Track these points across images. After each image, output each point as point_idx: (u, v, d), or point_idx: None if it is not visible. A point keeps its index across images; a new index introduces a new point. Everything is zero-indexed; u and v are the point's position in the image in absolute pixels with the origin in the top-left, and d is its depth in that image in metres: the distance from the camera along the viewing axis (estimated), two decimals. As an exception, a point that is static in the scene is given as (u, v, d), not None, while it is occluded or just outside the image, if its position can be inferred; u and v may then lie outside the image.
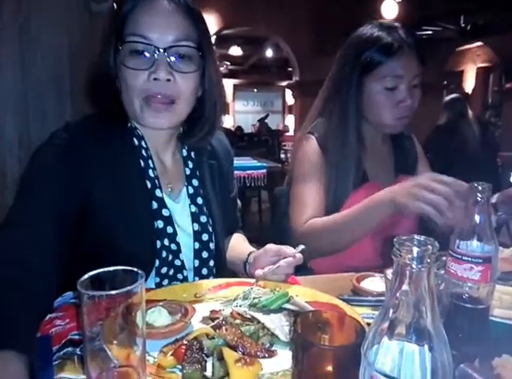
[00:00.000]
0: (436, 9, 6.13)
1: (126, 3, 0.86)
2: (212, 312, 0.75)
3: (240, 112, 14.28)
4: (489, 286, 0.65)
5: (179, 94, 0.87)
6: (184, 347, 0.62)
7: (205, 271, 0.99)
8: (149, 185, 0.92)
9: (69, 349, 0.64)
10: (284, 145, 9.05)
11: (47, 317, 0.74)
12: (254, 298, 0.76)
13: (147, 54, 0.84)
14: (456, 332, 0.65)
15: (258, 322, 0.70)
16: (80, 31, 1.95)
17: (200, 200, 1.00)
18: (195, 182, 1.01)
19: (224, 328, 0.66)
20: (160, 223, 0.91)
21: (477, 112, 6.82)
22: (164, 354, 0.62)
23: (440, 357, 0.35)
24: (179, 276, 0.95)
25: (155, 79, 0.84)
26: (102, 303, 0.48)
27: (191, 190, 1.00)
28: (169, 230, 0.92)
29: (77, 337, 0.66)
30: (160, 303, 0.76)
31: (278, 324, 0.70)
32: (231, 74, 13.12)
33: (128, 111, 0.90)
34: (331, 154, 1.22)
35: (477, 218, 0.64)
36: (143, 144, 0.95)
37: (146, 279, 0.70)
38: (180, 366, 0.59)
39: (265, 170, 4.39)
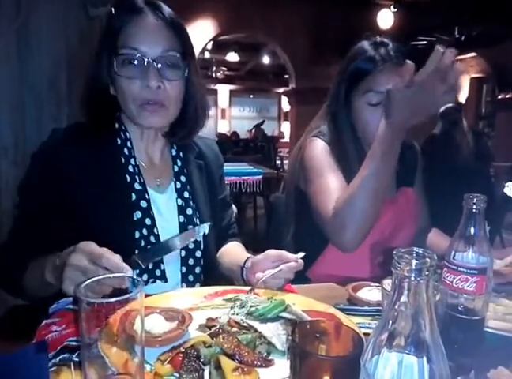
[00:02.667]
0: (431, 20, 6.22)
1: (117, 19, 0.96)
2: (208, 319, 0.75)
3: (236, 118, 14.31)
4: (484, 297, 0.66)
5: (169, 99, 0.97)
6: (181, 354, 0.61)
7: (191, 261, 1.04)
8: (128, 179, 1.00)
9: (66, 355, 0.64)
10: (280, 152, 9.08)
11: (43, 323, 0.74)
12: (251, 307, 0.76)
13: (139, 64, 0.93)
14: (451, 343, 0.65)
15: (255, 331, 0.70)
16: (78, 36, 1.95)
17: (186, 194, 1.08)
18: (183, 178, 1.09)
19: (221, 336, 0.66)
20: (138, 214, 0.98)
21: (471, 122, 6.90)
22: (161, 361, 0.61)
23: (438, 369, 0.36)
24: (157, 272, 0.98)
25: (147, 86, 0.93)
26: (101, 310, 0.48)
27: (179, 185, 1.08)
28: (147, 221, 0.99)
29: (73, 343, 0.66)
30: (157, 310, 0.76)
31: (275, 332, 0.70)
32: (227, 80, 13.17)
33: (125, 112, 1.00)
34: (335, 162, 1.20)
35: (472, 229, 0.65)
36: (128, 144, 1.03)
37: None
38: (177, 374, 0.59)
39: (260, 177, 4.40)
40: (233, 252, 1.14)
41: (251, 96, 14.55)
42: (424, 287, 0.36)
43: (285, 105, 12.66)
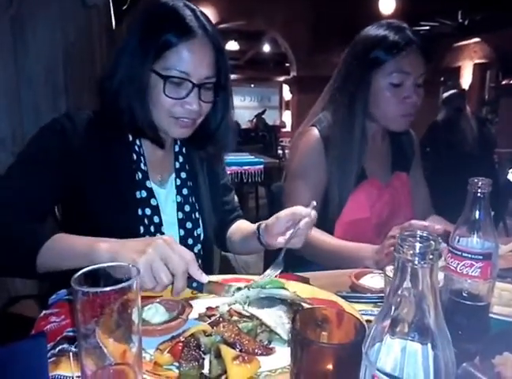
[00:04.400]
0: (434, 5, 6.11)
1: (167, 35, 0.90)
2: (208, 309, 0.74)
3: (237, 107, 13.81)
4: (489, 282, 0.64)
5: (201, 116, 1.00)
6: (181, 344, 0.61)
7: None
8: (140, 175, 1.00)
9: (65, 346, 0.64)
10: (281, 141, 9.03)
11: (42, 314, 0.73)
12: (251, 287, 0.77)
13: (182, 87, 0.93)
14: (455, 329, 0.64)
15: (257, 319, 0.69)
16: (75, 25, 1.92)
17: (186, 191, 1.08)
18: (183, 175, 1.10)
19: (221, 325, 0.65)
20: (147, 211, 0.99)
21: (474, 108, 6.82)
22: (161, 351, 0.61)
23: (443, 356, 0.34)
24: None
25: (186, 107, 0.94)
26: (96, 300, 0.47)
27: (178, 182, 1.08)
28: (156, 219, 1.00)
29: (72, 334, 0.66)
30: (157, 300, 0.75)
31: (279, 321, 0.69)
32: (228, 70, 13.06)
33: (154, 121, 0.98)
34: (334, 149, 1.23)
35: (477, 214, 0.63)
36: (137, 141, 1.03)
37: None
38: (177, 364, 0.59)
39: (262, 166, 4.37)
40: (243, 226, 1.16)
41: (252, 86, 14.44)
42: (428, 272, 0.34)
43: (286, 94, 12.56)
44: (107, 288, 0.46)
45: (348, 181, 1.23)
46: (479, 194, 0.63)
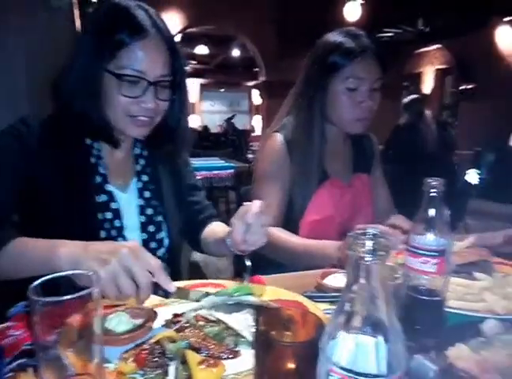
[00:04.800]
0: (396, 12, 6.34)
1: (120, 35, 0.90)
2: (174, 315, 0.73)
3: (207, 112, 14.12)
4: (444, 278, 0.68)
5: (158, 115, 1.00)
6: (145, 351, 0.60)
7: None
8: (99, 179, 1.00)
9: (23, 360, 0.61)
10: (251, 145, 9.06)
11: (-1, 328, 0.70)
12: (217, 293, 0.77)
13: (138, 85, 0.93)
14: (413, 323, 0.67)
15: (223, 323, 0.70)
16: (38, 29, 1.86)
17: (147, 194, 1.08)
18: (145, 178, 1.09)
19: (187, 330, 0.65)
20: (108, 215, 0.99)
21: (435, 112, 7.11)
22: (125, 360, 0.60)
23: (395, 348, 0.36)
24: None
25: (142, 106, 0.94)
26: (55, 310, 0.46)
27: (140, 185, 1.08)
28: (117, 223, 1.00)
29: (31, 347, 0.63)
30: (121, 308, 0.74)
31: (245, 324, 0.69)
32: (197, 74, 12.99)
33: (110, 121, 0.97)
34: (296, 151, 1.27)
35: (432, 212, 0.66)
36: (95, 145, 1.02)
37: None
38: (141, 372, 0.58)
39: (232, 171, 4.38)
40: (216, 229, 1.15)
41: (222, 90, 14.43)
42: (379, 268, 0.36)
43: (256, 99, 12.65)
44: (66, 297, 0.45)
45: (309, 182, 1.27)
46: (433, 194, 0.67)
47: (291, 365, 0.45)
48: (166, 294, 0.76)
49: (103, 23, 0.93)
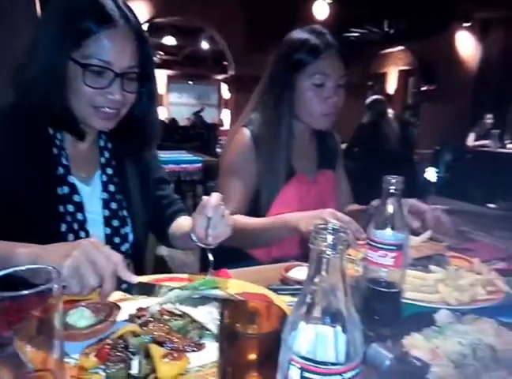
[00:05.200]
0: (362, 13, 6.48)
1: (88, 23, 0.88)
2: (138, 309, 0.73)
3: (174, 104, 13.87)
4: (402, 271, 0.71)
5: (125, 107, 0.98)
6: (108, 346, 0.59)
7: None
8: (62, 171, 0.97)
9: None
10: (220, 140, 9.02)
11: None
12: (183, 287, 0.77)
13: (103, 76, 0.91)
14: (372, 314, 0.71)
15: (188, 317, 0.70)
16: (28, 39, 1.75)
17: (112, 188, 1.05)
18: (109, 171, 1.07)
19: (150, 324, 0.65)
20: (70, 207, 0.96)
21: (398, 112, 7.37)
22: (86, 355, 0.59)
23: (352, 337, 0.38)
24: None
25: (109, 97, 0.92)
26: (13, 305, 0.44)
27: (104, 178, 1.05)
28: (79, 216, 0.97)
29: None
30: (83, 303, 0.72)
31: (210, 318, 0.70)
32: (164, 65, 12.73)
33: (74, 111, 0.94)
34: (263, 147, 1.28)
35: (390, 208, 0.70)
36: (58, 135, 0.99)
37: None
38: (103, 366, 0.57)
39: (200, 165, 4.34)
40: (184, 224, 1.13)
41: (190, 83, 14.22)
42: (339, 260, 0.37)
43: (225, 92, 12.57)
44: (24, 292, 0.44)
45: (276, 177, 1.29)
46: (392, 191, 0.70)
47: (255, 357, 0.46)
48: (129, 289, 0.75)
49: (68, 10, 0.90)
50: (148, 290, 0.78)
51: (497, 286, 0.87)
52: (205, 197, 0.89)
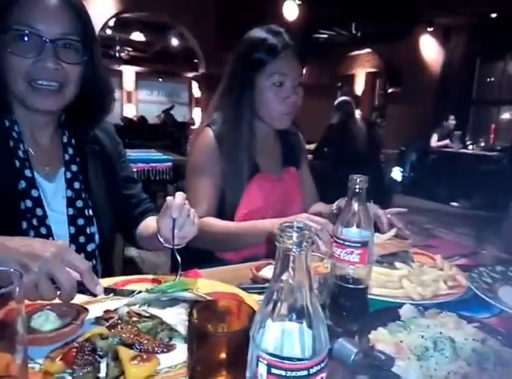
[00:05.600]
0: (331, 15, 6.60)
1: None
2: (106, 312, 0.71)
3: (144, 102, 13.62)
4: (367, 267, 0.73)
5: (67, 80, 0.92)
6: (74, 349, 0.58)
7: (81, 256, 0.97)
8: (18, 164, 0.93)
9: None
10: (191, 138, 8.91)
11: None
12: (151, 290, 0.76)
13: (33, 43, 0.87)
14: (340, 310, 0.73)
15: (157, 318, 0.69)
16: None
17: (77, 185, 1.02)
18: (74, 168, 1.03)
19: (119, 326, 0.64)
20: (28, 203, 0.93)
21: (365, 113, 7.56)
22: (52, 359, 0.57)
23: (317, 332, 0.39)
24: None
25: (42, 67, 0.88)
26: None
27: (69, 175, 1.02)
28: (38, 211, 0.93)
29: None
30: (48, 306, 0.70)
31: (179, 319, 0.69)
32: (133, 61, 12.46)
33: (12, 93, 0.91)
34: (225, 146, 1.29)
35: (355, 206, 0.72)
36: (15, 127, 0.95)
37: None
38: (70, 370, 0.56)
39: (170, 164, 4.27)
40: (151, 224, 1.10)
41: (160, 80, 13.99)
42: (304, 257, 0.38)
43: (196, 90, 12.45)
44: (-17, 296, 0.42)
45: (240, 176, 1.30)
46: (357, 189, 0.72)
47: (224, 356, 0.46)
48: (92, 295, 0.74)
49: None
50: (111, 292, 0.77)
51: (458, 281, 0.91)
52: (169, 198, 0.86)
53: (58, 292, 0.67)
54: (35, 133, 0.99)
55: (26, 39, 0.86)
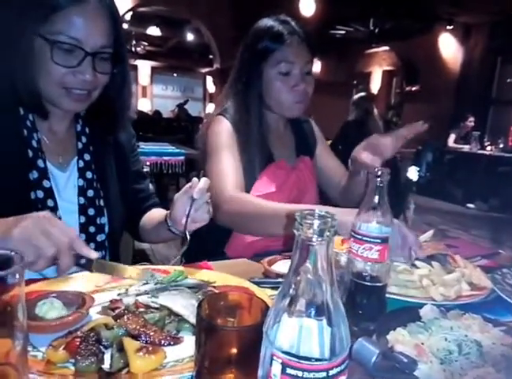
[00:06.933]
0: (349, 11, 6.51)
1: None
2: (112, 301, 0.69)
3: (159, 96, 13.68)
4: (386, 264, 0.70)
5: (97, 86, 0.93)
6: (78, 339, 0.56)
7: (91, 246, 0.98)
8: (31, 154, 0.92)
9: None
10: (201, 127, 8.91)
11: None
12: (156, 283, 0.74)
13: (74, 54, 0.87)
14: (356, 308, 0.69)
15: (168, 309, 0.67)
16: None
17: (89, 175, 1.01)
18: (87, 157, 1.02)
19: (125, 317, 0.62)
20: (39, 194, 0.91)
21: (381, 111, 7.44)
22: (54, 348, 0.55)
23: (338, 331, 0.35)
24: None
25: (80, 77, 0.88)
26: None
27: (81, 164, 1.00)
28: (49, 203, 0.92)
29: None
30: (54, 294, 0.68)
31: (192, 310, 0.66)
32: (148, 56, 12.50)
33: (42, 92, 0.90)
34: (238, 135, 1.26)
35: (376, 201, 0.68)
36: (30, 116, 0.94)
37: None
38: (73, 360, 0.54)
39: (183, 157, 4.26)
40: (155, 215, 1.11)
41: (175, 75, 14.03)
42: (325, 248, 0.35)
43: (210, 86, 12.44)
44: (-18, 279, 0.40)
45: (251, 168, 1.25)
46: (378, 183, 0.68)
47: (234, 351, 0.43)
48: (87, 265, 0.73)
49: None
50: (109, 268, 0.76)
51: (481, 282, 0.86)
52: (194, 179, 0.87)
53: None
54: (51, 122, 0.98)
55: (67, 49, 0.85)
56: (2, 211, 0.84)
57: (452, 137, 6.74)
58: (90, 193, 1.00)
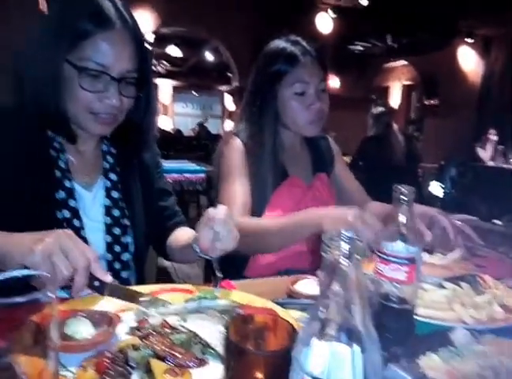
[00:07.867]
0: (366, 27, 6.54)
1: (85, 24, 0.86)
2: (139, 321, 0.70)
3: (179, 114, 13.95)
4: (414, 286, 0.68)
5: (122, 110, 0.96)
6: (107, 359, 0.56)
7: (117, 265, 1.00)
8: (58, 174, 0.94)
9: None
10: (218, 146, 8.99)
11: None
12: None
13: (101, 80, 0.89)
14: (383, 331, 0.67)
15: (195, 335, 0.66)
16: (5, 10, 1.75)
17: (115, 194, 1.02)
18: (113, 176, 1.04)
19: (152, 338, 0.62)
20: (66, 213, 0.93)
21: (401, 126, 7.37)
22: (84, 368, 0.56)
23: (371, 357, 0.35)
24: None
25: (107, 103, 0.91)
26: (6, 313, 0.42)
27: (108, 184, 1.03)
28: (76, 222, 0.94)
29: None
30: (82, 313, 0.70)
31: (218, 336, 0.65)
32: (169, 75, 12.83)
33: (70, 115, 0.92)
34: (250, 157, 1.28)
35: (402, 219, 0.67)
36: (57, 138, 0.97)
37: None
38: (102, 381, 0.54)
39: (203, 174, 4.31)
40: (181, 235, 1.11)
41: (194, 93, 14.32)
42: (355, 271, 0.35)
43: (229, 104, 12.62)
44: (18, 299, 0.41)
45: (265, 183, 1.26)
46: (403, 201, 0.67)
47: (263, 375, 0.43)
48: (100, 288, 0.73)
49: (66, 10, 0.89)
50: (121, 293, 0.76)
51: (514, 304, 0.83)
52: (211, 210, 0.85)
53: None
54: (79, 143, 1.01)
55: (94, 74, 0.88)
56: (29, 230, 0.86)
57: (482, 151, 6.55)
58: (115, 212, 1.01)
